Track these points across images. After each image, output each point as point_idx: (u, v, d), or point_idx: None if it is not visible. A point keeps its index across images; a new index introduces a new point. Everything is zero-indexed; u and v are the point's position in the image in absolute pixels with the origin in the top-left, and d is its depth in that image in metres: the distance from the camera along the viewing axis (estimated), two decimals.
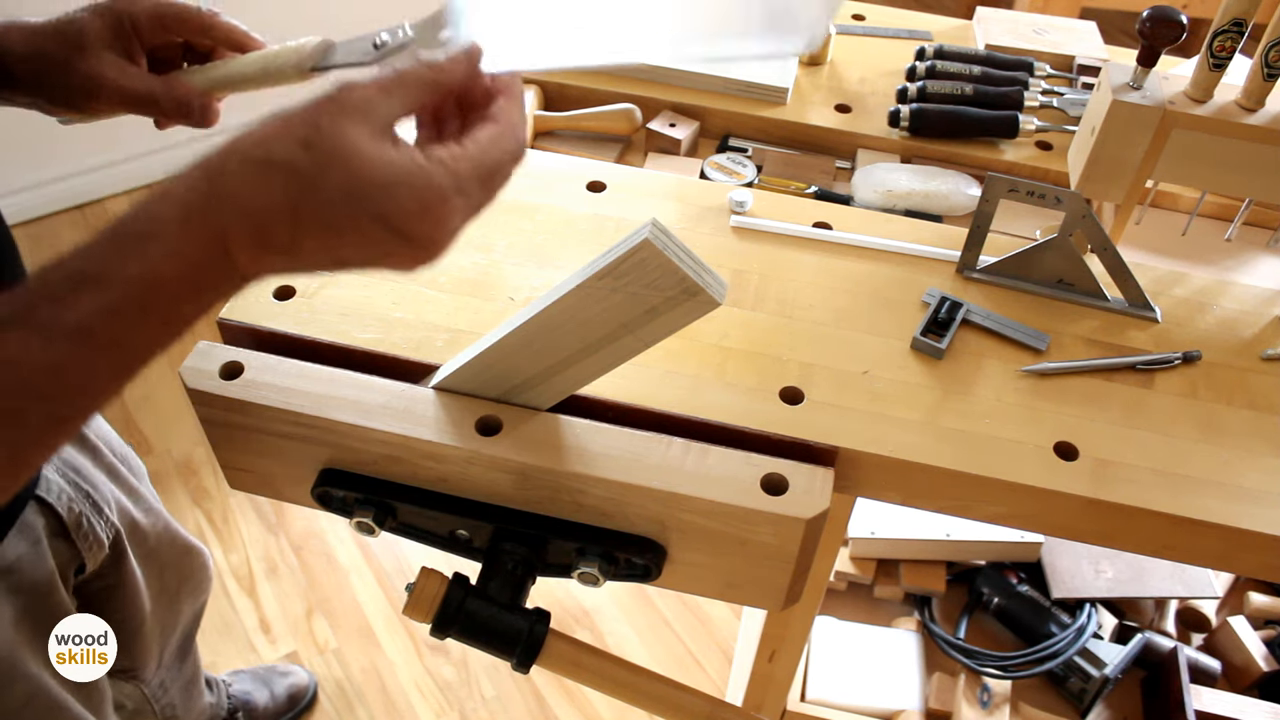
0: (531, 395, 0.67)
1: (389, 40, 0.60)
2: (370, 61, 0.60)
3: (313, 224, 0.43)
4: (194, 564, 1.10)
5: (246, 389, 0.67)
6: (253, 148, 0.43)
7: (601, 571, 0.66)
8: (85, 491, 0.83)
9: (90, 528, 0.83)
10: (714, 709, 0.70)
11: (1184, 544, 0.69)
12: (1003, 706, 1.22)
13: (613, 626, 1.62)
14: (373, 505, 0.69)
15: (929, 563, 1.32)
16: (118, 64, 0.63)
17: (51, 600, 0.78)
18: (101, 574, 0.89)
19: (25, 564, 0.74)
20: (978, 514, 0.71)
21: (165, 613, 1.05)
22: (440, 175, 0.44)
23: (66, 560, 0.81)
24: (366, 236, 0.44)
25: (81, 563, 0.83)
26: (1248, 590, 1.35)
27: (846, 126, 1.03)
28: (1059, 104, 1.05)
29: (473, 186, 0.46)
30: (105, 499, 0.86)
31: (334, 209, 0.43)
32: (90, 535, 0.83)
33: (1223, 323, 0.81)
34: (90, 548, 0.83)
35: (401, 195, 0.43)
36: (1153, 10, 0.79)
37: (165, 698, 1.14)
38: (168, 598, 1.04)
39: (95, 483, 0.85)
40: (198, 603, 1.15)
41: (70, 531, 0.80)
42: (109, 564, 0.89)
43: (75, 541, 0.81)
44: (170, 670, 1.14)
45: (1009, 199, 0.78)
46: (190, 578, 1.09)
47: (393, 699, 1.52)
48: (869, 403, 0.71)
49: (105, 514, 0.86)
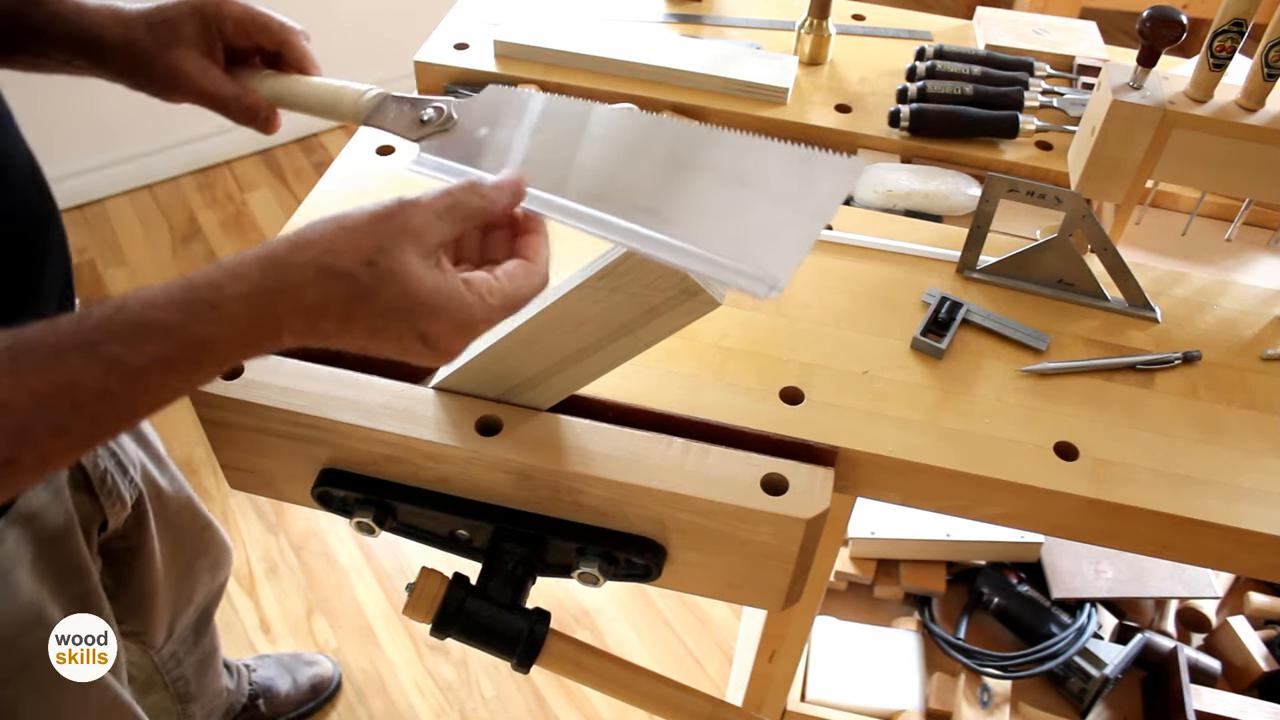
0: (531, 395, 0.67)
1: (434, 117, 0.65)
2: (415, 139, 0.65)
3: (361, 327, 0.50)
4: (213, 539, 1.11)
5: (247, 389, 0.67)
6: (324, 254, 0.48)
7: (601, 571, 0.66)
8: (111, 450, 0.85)
9: (114, 485, 0.84)
10: (714, 709, 0.70)
11: (1184, 544, 0.69)
12: (1003, 706, 1.22)
13: (613, 626, 1.62)
14: (373, 505, 0.69)
15: (929, 563, 1.32)
16: (201, 64, 0.69)
17: (72, 552, 0.79)
18: (124, 534, 0.91)
19: (47, 513, 0.76)
20: (978, 514, 0.71)
21: (180, 582, 1.06)
22: (477, 306, 0.51)
23: (89, 514, 0.82)
24: (403, 343, 0.51)
25: (104, 520, 0.85)
26: (1248, 590, 1.35)
27: (846, 126, 1.03)
28: (1059, 104, 1.05)
29: (499, 315, 0.53)
30: (131, 460, 0.88)
31: (383, 319, 0.50)
32: (114, 492, 0.84)
33: (1223, 323, 0.81)
34: (113, 504, 0.84)
35: (442, 318, 0.50)
36: (1153, 10, 0.79)
37: (177, 670, 1.14)
38: (183, 567, 1.05)
39: (122, 443, 0.87)
40: (216, 580, 1.15)
41: (94, 486, 0.82)
42: (131, 524, 0.91)
43: (99, 497, 0.82)
44: (184, 644, 1.14)
45: (1009, 199, 0.78)
46: (207, 552, 1.10)
47: (393, 699, 1.52)
48: (869, 403, 0.71)
49: (130, 474, 0.87)
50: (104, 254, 2.18)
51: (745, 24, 1.19)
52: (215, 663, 1.25)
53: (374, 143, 0.91)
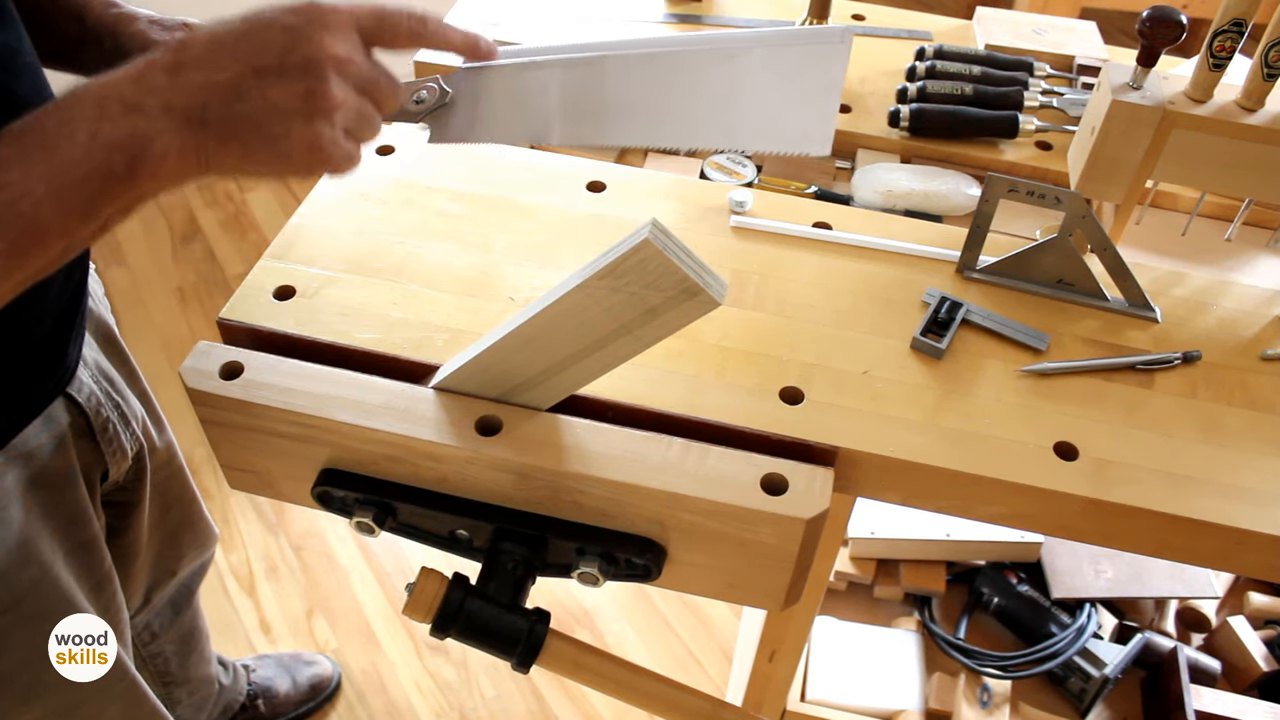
0: (531, 395, 0.67)
1: (427, 97, 0.66)
2: (416, 122, 0.67)
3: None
4: (200, 516, 1.11)
5: (246, 389, 0.67)
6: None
7: (601, 571, 0.66)
8: (115, 401, 0.84)
9: (116, 435, 0.84)
10: (714, 709, 0.70)
11: (1184, 544, 0.69)
12: (1003, 706, 1.22)
13: (613, 626, 1.62)
14: (373, 505, 0.69)
15: (929, 563, 1.32)
16: None
17: (71, 496, 0.79)
18: (124, 487, 0.91)
19: (46, 455, 0.75)
20: (978, 514, 0.71)
21: (164, 550, 1.05)
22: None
23: (91, 463, 0.82)
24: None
25: (106, 470, 0.84)
26: (1248, 590, 1.35)
27: (846, 126, 1.03)
28: (1059, 104, 1.05)
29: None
30: (134, 414, 0.88)
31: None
32: (115, 442, 0.84)
33: (1223, 323, 0.81)
34: (115, 455, 0.84)
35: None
36: (1153, 10, 0.79)
37: (154, 645, 1.14)
38: (168, 534, 1.05)
39: (126, 397, 0.87)
40: (199, 559, 1.15)
41: (96, 434, 0.81)
42: (132, 479, 0.91)
43: (100, 445, 0.82)
44: (161, 615, 1.14)
45: (1009, 199, 0.78)
46: (194, 527, 1.10)
47: (393, 699, 1.52)
48: (869, 403, 0.71)
49: (132, 427, 0.87)
50: (104, 253, 2.18)
51: (745, 24, 1.19)
52: (200, 648, 1.24)
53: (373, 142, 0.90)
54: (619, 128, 0.65)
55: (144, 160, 0.50)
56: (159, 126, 0.49)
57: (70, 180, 0.48)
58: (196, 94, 0.50)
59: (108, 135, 0.48)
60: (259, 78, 0.50)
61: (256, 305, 0.74)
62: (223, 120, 0.50)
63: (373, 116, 0.55)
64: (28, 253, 0.50)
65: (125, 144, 0.49)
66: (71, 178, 0.48)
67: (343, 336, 0.72)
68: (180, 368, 0.67)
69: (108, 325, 0.89)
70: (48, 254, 0.51)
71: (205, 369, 0.68)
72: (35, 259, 0.50)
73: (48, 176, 0.48)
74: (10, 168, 0.48)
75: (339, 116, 0.52)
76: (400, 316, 0.74)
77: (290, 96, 0.51)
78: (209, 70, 0.50)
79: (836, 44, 0.60)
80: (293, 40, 0.50)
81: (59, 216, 0.49)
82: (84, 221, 0.50)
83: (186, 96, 0.50)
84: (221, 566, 1.66)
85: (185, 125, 0.50)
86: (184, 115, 0.50)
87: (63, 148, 0.48)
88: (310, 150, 0.52)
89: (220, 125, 0.50)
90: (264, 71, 0.50)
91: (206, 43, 0.50)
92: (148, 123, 0.49)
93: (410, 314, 0.75)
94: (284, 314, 0.74)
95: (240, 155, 0.52)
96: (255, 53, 0.50)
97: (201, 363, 0.68)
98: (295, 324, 0.73)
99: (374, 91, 0.54)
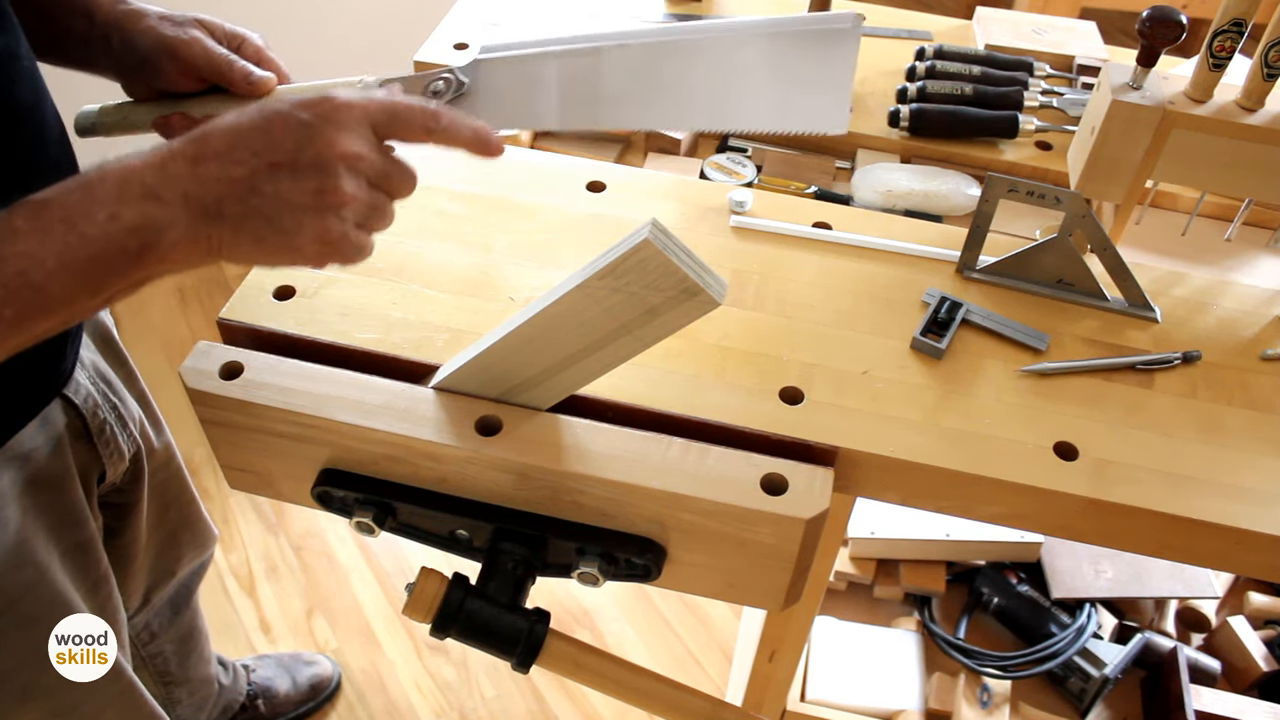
0: (531, 395, 0.67)
1: (443, 88, 0.68)
2: None
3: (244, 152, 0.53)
4: (199, 517, 1.11)
5: (246, 389, 0.67)
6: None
7: (601, 571, 0.66)
8: (113, 403, 0.85)
9: (113, 436, 0.84)
10: (714, 709, 0.70)
11: (1184, 544, 0.69)
12: (1003, 706, 1.22)
13: (613, 626, 1.62)
14: (373, 505, 0.69)
15: (929, 563, 1.32)
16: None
17: (68, 498, 0.79)
18: (122, 489, 0.91)
19: (42, 456, 0.76)
20: (978, 514, 0.71)
21: (163, 550, 1.06)
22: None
23: (87, 464, 0.82)
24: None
25: (103, 471, 0.85)
26: (1248, 590, 1.35)
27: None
28: (1059, 104, 1.05)
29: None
30: (131, 415, 0.88)
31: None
32: (112, 443, 0.84)
33: (1223, 323, 0.81)
34: (111, 455, 0.85)
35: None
36: (1153, 10, 0.79)
37: (153, 645, 1.14)
38: (167, 535, 1.05)
39: (123, 397, 0.87)
40: (198, 559, 1.15)
41: (93, 435, 0.82)
42: (129, 480, 0.91)
43: (97, 447, 0.83)
44: (159, 615, 1.14)
45: (1009, 199, 0.78)
46: (193, 527, 1.10)
47: (393, 699, 1.52)
48: (869, 403, 0.71)
49: (129, 428, 0.88)
50: None
51: None
52: (200, 648, 1.24)
53: None
54: (643, 112, 0.68)
55: (156, 246, 0.51)
56: (175, 215, 0.51)
57: (83, 257, 0.50)
58: (213, 187, 0.52)
59: (125, 219, 0.50)
60: (273, 173, 0.52)
61: (256, 305, 0.74)
62: (237, 214, 0.52)
63: (385, 207, 0.56)
64: (32, 321, 0.51)
65: (141, 229, 0.51)
66: (85, 255, 0.50)
67: (343, 336, 0.72)
68: (180, 368, 0.67)
69: (106, 327, 0.89)
70: (50, 323, 0.53)
71: (205, 369, 0.68)
72: (37, 327, 0.52)
73: (61, 251, 0.50)
74: (27, 239, 0.49)
75: (349, 211, 0.54)
76: (400, 316, 0.74)
77: (302, 193, 0.52)
78: (227, 164, 0.52)
79: (848, 28, 0.64)
80: (307, 137, 0.52)
81: (67, 290, 0.51)
82: (90, 296, 0.52)
83: (204, 189, 0.52)
84: (221, 566, 1.66)
85: (201, 216, 0.52)
86: (200, 207, 0.52)
87: (80, 225, 0.50)
88: (320, 243, 0.54)
89: (234, 219, 0.52)
90: (278, 168, 0.52)
91: (226, 135, 0.52)
92: (165, 211, 0.51)
93: (410, 314, 0.75)
94: (284, 314, 0.74)
95: (251, 247, 0.54)
96: (270, 149, 0.52)
97: (201, 363, 0.68)
98: (295, 324, 0.73)
99: (386, 184, 0.56)
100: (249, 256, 0.54)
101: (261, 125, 0.52)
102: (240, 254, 0.54)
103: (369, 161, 0.54)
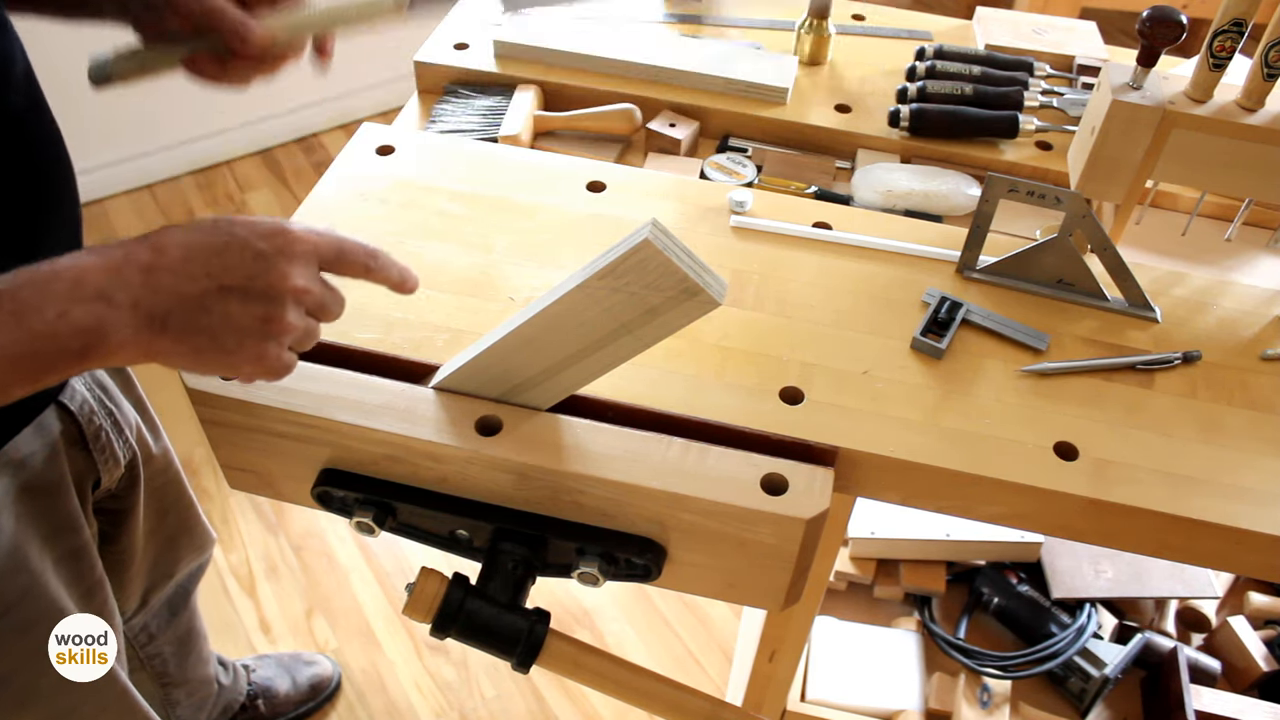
0: (531, 395, 0.67)
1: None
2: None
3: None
4: (197, 520, 1.11)
5: (246, 389, 0.67)
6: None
7: (601, 571, 0.66)
8: (109, 409, 0.85)
9: (109, 442, 0.85)
10: (714, 709, 0.70)
11: (1184, 544, 0.69)
12: (1003, 706, 1.22)
13: (613, 626, 1.62)
14: (373, 505, 0.69)
15: (929, 563, 1.32)
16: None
17: (62, 504, 0.80)
18: (117, 495, 0.91)
19: (37, 462, 0.76)
20: (978, 514, 0.71)
21: (161, 554, 1.06)
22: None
23: (83, 470, 0.82)
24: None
25: (98, 478, 0.85)
26: (1248, 590, 1.35)
27: (846, 126, 1.03)
28: (1059, 104, 1.05)
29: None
30: (128, 421, 0.89)
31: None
32: (108, 450, 0.85)
33: (1223, 323, 0.81)
34: (107, 462, 0.85)
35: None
36: (1153, 10, 0.79)
37: (152, 646, 1.14)
38: (165, 539, 1.05)
39: (120, 404, 0.88)
40: (196, 562, 1.15)
41: (88, 442, 0.82)
42: (125, 486, 0.91)
43: (93, 454, 0.83)
44: (157, 618, 1.14)
45: (1009, 199, 0.78)
46: (191, 531, 1.10)
47: (393, 699, 1.52)
48: (869, 403, 0.71)
49: (125, 435, 0.88)
50: None
51: (745, 24, 1.19)
52: (198, 648, 1.24)
53: (374, 143, 0.91)
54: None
55: (99, 347, 0.52)
56: (122, 320, 0.52)
57: (27, 352, 0.51)
58: (164, 298, 0.53)
59: (74, 318, 0.51)
60: (223, 296, 0.54)
61: None
62: (182, 327, 0.53)
63: (316, 332, 0.59)
64: None
65: (87, 330, 0.51)
66: (29, 350, 0.51)
67: (343, 336, 0.72)
68: None
69: None
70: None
71: None
72: None
73: (6, 345, 0.50)
74: None
75: (288, 339, 0.57)
76: (400, 316, 0.74)
77: (249, 317, 0.54)
78: (180, 279, 0.53)
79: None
80: (261, 268, 0.54)
81: (3, 379, 0.52)
82: (26, 386, 0.53)
83: (155, 299, 0.52)
84: (221, 566, 1.66)
85: (147, 325, 0.53)
86: (148, 315, 0.52)
87: (29, 320, 0.50)
88: (255, 364, 0.56)
89: (178, 331, 0.53)
90: (229, 291, 0.54)
91: (183, 249, 0.54)
92: (113, 314, 0.52)
93: (410, 314, 0.75)
94: None
95: (190, 357, 0.55)
96: (224, 272, 0.54)
97: None
98: None
99: (321, 313, 0.59)
100: (184, 365, 0.56)
101: (218, 248, 0.54)
102: (176, 362, 0.55)
103: (314, 295, 0.57)
